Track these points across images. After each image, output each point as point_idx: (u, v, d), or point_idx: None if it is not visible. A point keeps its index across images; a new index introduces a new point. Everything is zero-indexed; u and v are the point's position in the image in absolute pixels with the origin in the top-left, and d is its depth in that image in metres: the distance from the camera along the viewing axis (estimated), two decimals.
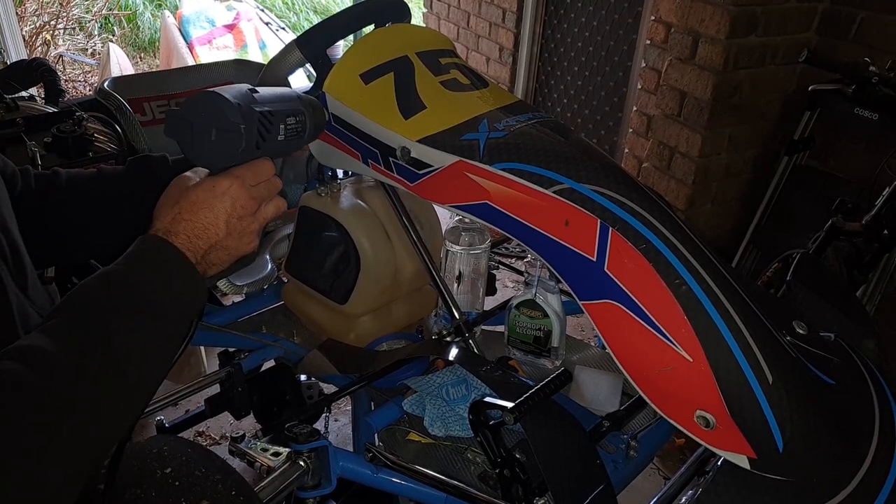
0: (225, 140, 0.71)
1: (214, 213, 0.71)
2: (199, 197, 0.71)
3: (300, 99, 0.83)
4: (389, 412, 1.03)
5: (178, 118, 0.72)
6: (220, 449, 1.83)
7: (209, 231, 0.70)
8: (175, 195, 0.72)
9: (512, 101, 1.06)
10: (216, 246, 0.71)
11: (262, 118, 0.74)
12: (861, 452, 0.78)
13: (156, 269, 0.66)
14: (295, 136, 0.81)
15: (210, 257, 0.71)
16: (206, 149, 0.72)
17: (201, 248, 0.70)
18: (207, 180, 0.72)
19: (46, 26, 5.16)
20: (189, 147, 0.72)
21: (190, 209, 0.70)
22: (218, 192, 0.71)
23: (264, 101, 0.75)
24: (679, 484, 0.86)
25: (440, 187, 0.96)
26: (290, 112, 0.79)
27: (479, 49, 3.68)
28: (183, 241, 0.68)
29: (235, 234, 0.73)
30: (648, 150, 2.49)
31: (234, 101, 0.71)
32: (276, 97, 0.79)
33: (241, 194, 0.72)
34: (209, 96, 0.71)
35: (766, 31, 2.09)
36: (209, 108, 0.71)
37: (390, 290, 1.22)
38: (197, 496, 0.72)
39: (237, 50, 4.52)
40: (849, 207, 1.75)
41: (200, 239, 0.70)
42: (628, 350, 0.81)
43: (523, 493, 0.81)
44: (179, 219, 0.69)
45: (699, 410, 0.76)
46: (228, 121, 0.70)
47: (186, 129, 0.71)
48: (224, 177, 0.72)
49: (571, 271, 0.86)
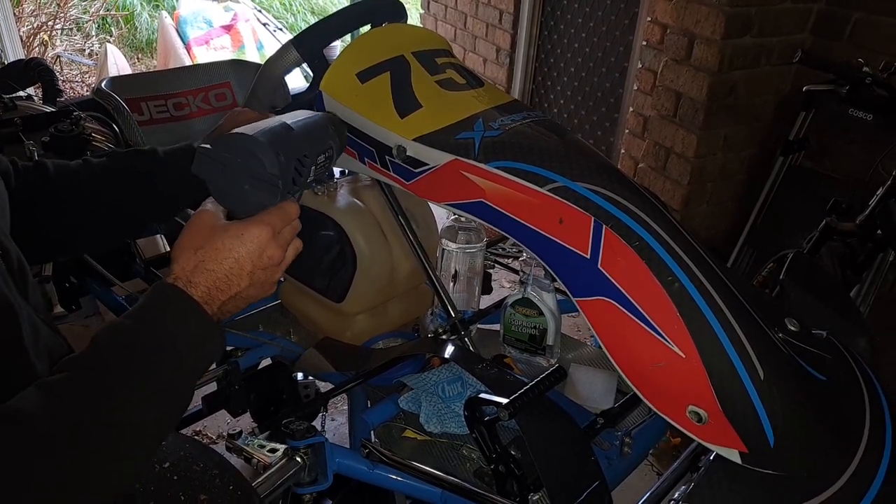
0: (260, 191, 0.67)
1: (240, 264, 0.67)
2: (225, 245, 0.66)
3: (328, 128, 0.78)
4: (386, 409, 1.04)
5: (210, 158, 0.68)
6: (217, 448, 1.83)
7: (231, 282, 0.67)
8: (198, 237, 0.67)
9: (507, 100, 1.07)
10: (236, 296, 0.68)
11: (297, 165, 0.70)
12: (851, 448, 0.79)
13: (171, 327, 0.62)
14: (322, 172, 0.78)
15: (227, 307, 0.68)
16: (236, 195, 0.68)
17: (220, 300, 0.66)
18: (236, 226, 0.68)
19: (44, 27, 5.16)
20: (218, 190, 0.69)
21: (214, 258, 0.66)
22: (246, 241, 0.67)
23: (299, 142, 0.71)
24: (672, 479, 0.86)
25: (436, 186, 0.97)
26: (320, 150, 0.76)
27: (476, 50, 3.69)
28: (202, 294, 0.64)
29: (257, 285, 0.69)
30: (644, 150, 2.50)
31: (273, 151, 0.67)
32: (309, 135, 0.74)
33: (269, 243, 0.68)
34: (247, 141, 0.67)
35: (760, 32, 2.10)
36: (245, 154, 0.67)
37: (386, 288, 1.23)
38: (195, 490, 0.73)
39: (234, 50, 4.53)
40: (843, 207, 1.76)
41: (221, 291, 0.66)
42: (621, 346, 0.82)
43: (518, 489, 0.82)
44: (202, 268, 0.65)
45: (691, 406, 0.77)
46: (266, 172, 0.67)
47: (217, 170, 0.67)
48: (253, 224, 0.68)
49: (565, 268, 0.87)
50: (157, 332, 0.61)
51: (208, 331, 0.65)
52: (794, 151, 2.15)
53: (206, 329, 0.64)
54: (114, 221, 0.91)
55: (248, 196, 0.68)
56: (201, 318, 0.64)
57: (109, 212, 0.89)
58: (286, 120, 0.73)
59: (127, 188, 0.90)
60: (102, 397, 0.56)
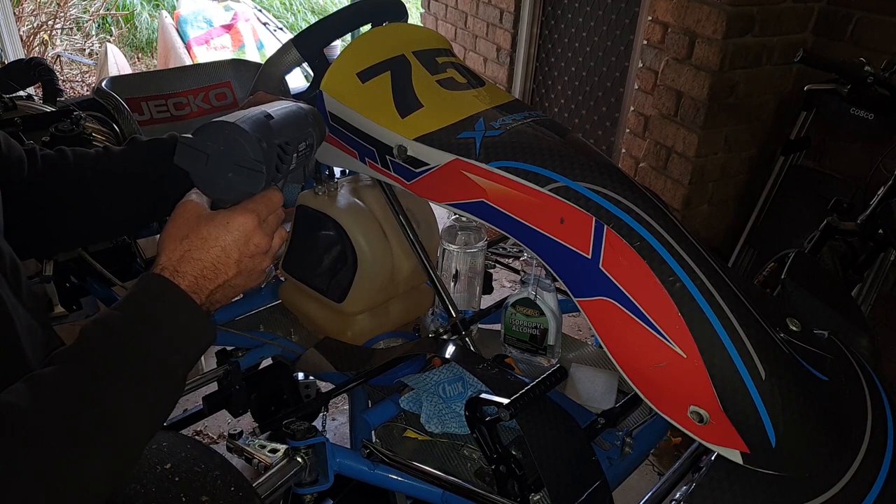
0: (244, 178, 0.67)
1: (226, 253, 0.66)
2: (210, 234, 0.66)
3: (307, 116, 0.79)
4: (386, 409, 1.04)
5: (192, 147, 0.67)
6: (218, 448, 1.83)
7: (218, 271, 0.66)
8: (183, 227, 0.67)
9: (508, 99, 1.07)
10: (224, 285, 0.67)
11: (279, 152, 0.70)
12: (853, 448, 0.79)
13: (159, 316, 0.62)
14: (304, 160, 0.78)
15: (216, 296, 0.68)
16: (220, 184, 0.68)
17: (208, 289, 0.66)
18: (221, 215, 0.68)
19: (44, 26, 5.16)
20: (201, 179, 0.68)
21: (201, 247, 0.66)
22: (232, 229, 0.67)
23: (280, 129, 0.71)
24: (673, 480, 0.86)
25: (437, 185, 0.97)
26: (301, 138, 0.76)
27: (476, 49, 3.69)
28: (189, 284, 0.64)
29: (245, 273, 0.69)
30: (645, 150, 2.50)
31: (255, 137, 0.66)
32: (290, 122, 0.75)
33: (255, 231, 0.68)
34: (228, 128, 0.66)
35: (762, 32, 2.10)
36: (228, 141, 0.66)
37: (387, 288, 1.23)
38: (196, 492, 0.72)
39: (235, 50, 4.53)
40: (844, 207, 1.76)
41: (208, 280, 0.66)
42: (622, 346, 0.82)
43: (519, 490, 0.82)
44: (188, 257, 0.65)
45: (693, 406, 0.77)
46: (249, 159, 0.66)
47: (200, 160, 0.67)
48: (239, 212, 0.68)
49: (566, 268, 0.87)
50: (146, 321, 0.61)
51: (196, 319, 0.64)
52: (795, 151, 2.14)
53: (195, 317, 0.64)
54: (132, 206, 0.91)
55: (232, 184, 0.67)
56: (189, 306, 0.64)
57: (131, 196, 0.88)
58: (265, 108, 0.74)
59: (147, 173, 0.89)
60: (91, 388, 0.56)
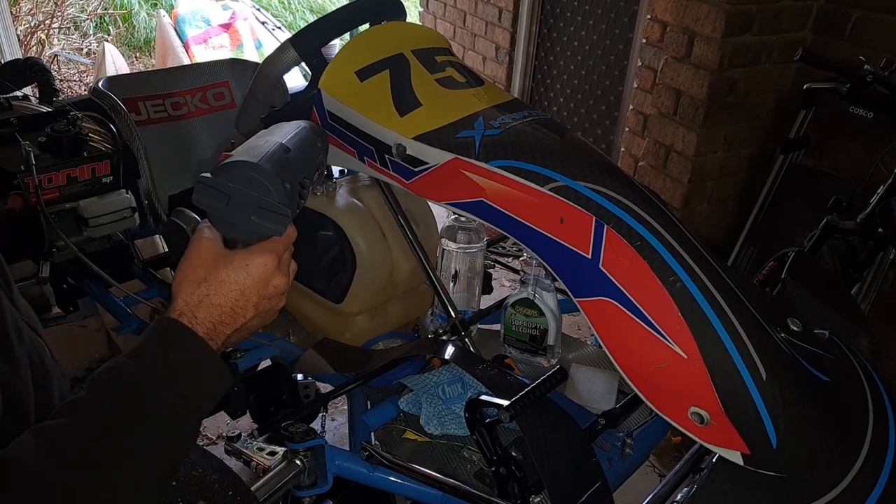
0: (268, 222, 0.64)
1: (245, 297, 0.64)
2: (230, 277, 0.63)
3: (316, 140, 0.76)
4: (386, 411, 1.03)
5: (212, 188, 0.64)
6: (216, 449, 1.82)
7: (237, 315, 0.64)
8: (201, 268, 0.64)
9: (507, 98, 1.06)
10: (241, 328, 0.65)
11: (300, 189, 0.68)
12: (855, 449, 0.78)
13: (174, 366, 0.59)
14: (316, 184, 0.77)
15: (232, 339, 0.65)
16: (241, 226, 0.65)
17: (225, 334, 0.63)
18: (240, 256, 0.64)
19: (41, 25, 5.14)
20: (221, 220, 0.65)
21: (219, 291, 0.63)
22: (252, 272, 0.64)
23: (297, 163, 0.68)
24: (674, 481, 0.86)
25: (436, 185, 0.96)
26: (316, 167, 0.74)
27: (475, 48, 3.68)
28: (207, 330, 0.62)
29: (262, 315, 0.67)
30: (644, 148, 2.50)
31: (280, 179, 0.64)
32: (304, 152, 0.71)
33: (275, 273, 0.66)
34: (252, 169, 0.63)
35: (761, 30, 2.09)
36: (252, 184, 0.63)
37: (386, 289, 1.22)
38: (194, 496, 0.72)
39: (233, 49, 4.52)
40: (843, 206, 1.75)
41: (226, 325, 0.63)
42: (623, 346, 0.82)
43: (519, 491, 0.81)
44: (207, 302, 0.62)
45: (693, 407, 0.76)
46: (274, 203, 0.64)
47: (220, 200, 0.64)
48: (257, 253, 0.65)
49: (566, 268, 0.86)
50: (160, 372, 0.59)
51: (214, 368, 0.62)
52: (794, 149, 2.14)
53: (212, 366, 0.62)
54: None
55: (254, 227, 0.65)
56: (207, 354, 0.62)
57: None
58: (279, 139, 0.70)
59: None
60: (103, 446, 0.54)
